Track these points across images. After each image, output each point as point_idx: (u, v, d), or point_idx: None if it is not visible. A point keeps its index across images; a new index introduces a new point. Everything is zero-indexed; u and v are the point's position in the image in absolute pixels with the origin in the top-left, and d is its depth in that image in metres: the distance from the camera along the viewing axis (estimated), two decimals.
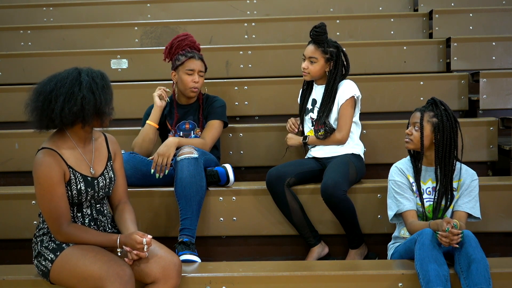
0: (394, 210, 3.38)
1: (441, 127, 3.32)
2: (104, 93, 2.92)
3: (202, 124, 3.99)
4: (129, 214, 3.10)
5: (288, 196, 3.68)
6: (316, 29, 3.83)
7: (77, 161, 2.98)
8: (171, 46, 4.01)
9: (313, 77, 3.90)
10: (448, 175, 3.34)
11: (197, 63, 3.93)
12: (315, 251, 3.72)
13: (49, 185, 2.88)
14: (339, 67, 3.86)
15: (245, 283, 3.17)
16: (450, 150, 3.34)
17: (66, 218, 2.92)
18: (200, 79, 3.95)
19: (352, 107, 3.83)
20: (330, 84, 3.85)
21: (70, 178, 2.94)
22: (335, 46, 3.86)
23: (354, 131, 3.88)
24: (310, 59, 3.85)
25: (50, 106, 2.87)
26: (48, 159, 2.89)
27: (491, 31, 5.37)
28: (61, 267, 2.89)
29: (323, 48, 3.82)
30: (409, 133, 3.40)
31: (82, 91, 2.87)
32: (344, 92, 3.82)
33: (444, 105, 3.39)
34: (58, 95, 2.86)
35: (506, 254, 3.80)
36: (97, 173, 3.03)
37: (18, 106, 4.73)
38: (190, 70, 3.91)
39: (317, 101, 3.92)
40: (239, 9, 6.03)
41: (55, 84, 2.89)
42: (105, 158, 3.09)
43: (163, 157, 3.66)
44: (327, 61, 3.84)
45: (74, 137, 2.99)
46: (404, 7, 6.02)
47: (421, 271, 2.99)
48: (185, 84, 3.93)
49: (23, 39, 5.69)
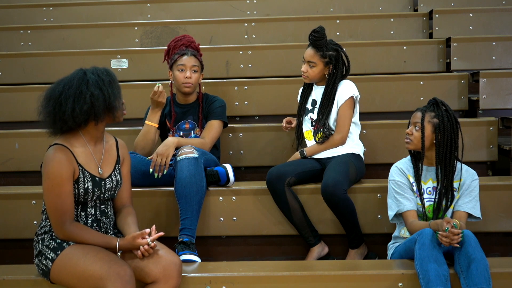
0: (395, 210, 3.38)
1: (442, 127, 3.32)
2: (111, 88, 2.96)
3: (202, 123, 3.99)
4: (132, 218, 3.11)
5: (288, 196, 3.68)
6: (315, 34, 3.81)
7: (87, 160, 3.01)
8: (168, 48, 4.06)
9: (312, 80, 3.90)
10: (449, 176, 3.34)
11: (188, 59, 3.94)
12: (315, 251, 3.72)
13: (58, 181, 2.89)
14: (338, 70, 3.85)
15: (245, 283, 3.17)
16: (451, 150, 3.33)
17: (70, 216, 2.93)
18: (193, 74, 3.94)
19: (351, 107, 3.82)
20: (330, 86, 3.85)
21: (79, 176, 2.96)
22: (335, 49, 3.84)
23: (354, 131, 3.87)
24: (309, 63, 3.85)
25: (61, 109, 2.90)
26: (60, 155, 2.91)
27: (491, 31, 5.37)
28: (61, 267, 2.89)
29: (321, 53, 3.81)
30: (409, 133, 3.40)
31: (89, 89, 2.91)
32: (343, 92, 3.82)
33: (445, 105, 3.38)
34: (67, 97, 2.90)
35: (506, 254, 3.81)
36: (105, 174, 3.05)
37: (18, 106, 4.74)
38: (181, 65, 3.93)
39: (317, 101, 3.92)
40: (239, 9, 6.03)
41: (63, 87, 2.93)
42: (113, 161, 3.11)
43: (162, 157, 3.66)
44: (326, 65, 3.84)
45: (86, 136, 3.02)
46: (404, 7, 6.02)
47: (421, 271, 2.99)
48: (177, 80, 3.95)
49: (23, 39, 5.69)
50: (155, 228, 2.99)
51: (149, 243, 2.89)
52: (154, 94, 3.82)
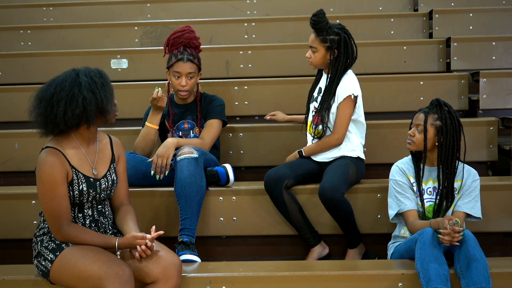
0: (395, 210, 3.38)
1: (444, 130, 3.31)
2: (104, 91, 2.93)
3: (201, 123, 3.98)
4: (131, 216, 3.10)
5: (286, 198, 3.65)
6: (313, 17, 3.72)
7: (80, 162, 2.99)
8: (167, 42, 3.97)
9: (317, 66, 3.81)
10: (450, 177, 3.34)
11: (184, 66, 3.87)
12: (315, 252, 3.71)
13: (51, 184, 2.88)
14: (341, 55, 3.72)
15: (245, 283, 3.17)
16: (453, 152, 3.33)
17: (66, 218, 2.92)
18: (189, 81, 3.89)
19: (350, 107, 3.71)
20: (332, 73, 3.73)
21: (73, 178, 2.95)
22: (337, 33, 3.72)
23: (354, 131, 3.79)
24: (311, 48, 3.77)
25: (53, 111, 2.88)
26: (52, 158, 2.90)
27: (491, 31, 5.37)
28: (60, 267, 2.89)
29: (322, 37, 3.71)
30: (411, 135, 3.38)
31: (82, 92, 2.88)
32: (342, 89, 3.71)
33: (448, 106, 3.36)
34: (59, 100, 2.87)
35: (506, 254, 3.80)
36: (99, 175, 3.04)
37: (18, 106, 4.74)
38: (177, 72, 3.89)
39: (322, 90, 3.83)
40: (239, 9, 6.02)
41: (55, 88, 2.90)
42: (108, 160, 3.10)
43: (162, 158, 3.66)
44: (328, 50, 3.73)
45: (78, 138, 3.00)
46: (404, 7, 6.02)
47: (422, 270, 2.99)
48: (173, 85, 3.95)
49: (23, 39, 5.69)
50: (155, 228, 2.99)
51: (147, 243, 2.88)
52: (153, 100, 3.80)
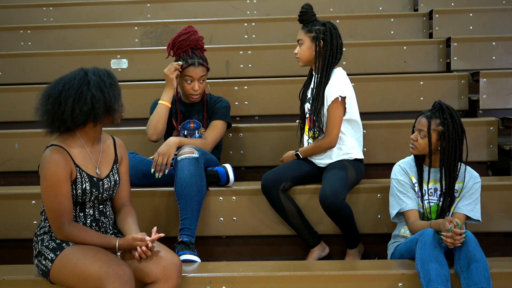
0: (397, 209, 3.38)
1: (447, 135, 3.30)
2: (112, 90, 2.95)
3: (207, 123, 3.98)
4: (132, 217, 3.11)
5: (284, 201, 3.64)
6: (301, 10, 3.71)
7: (84, 161, 3.00)
8: (173, 44, 3.94)
9: (304, 61, 3.75)
10: (452, 179, 3.34)
11: (196, 70, 3.86)
12: (315, 252, 3.71)
13: (55, 182, 2.89)
14: (327, 45, 3.66)
15: (245, 283, 3.17)
16: (455, 156, 3.32)
17: (68, 217, 2.93)
18: (201, 85, 3.90)
19: (339, 108, 3.63)
20: (319, 68, 3.67)
21: (76, 177, 2.96)
22: (322, 23, 3.69)
23: (350, 132, 3.72)
24: (298, 43, 3.74)
25: (61, 108, 2.89)
26: (57, 157, 2.90)
27: (491, 31, 5.37)
28: (61, 267, 2.89)
29: (307, 28, 3.69)
30: (414, 139, 3.38)
31: (90, 90, 2.90)
32: (329, 92, 3.64)
33: (450, 109, 3.34)
34: (67, 97, 2.89)
35: (506, 254, 3.80)
36: (102, 174, 3.04)
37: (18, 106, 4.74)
38: (189, 76, 3.88)
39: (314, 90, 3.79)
40: (239, 9, 6.03)
41: (63, 85, 2.91)
42: (111, 161, 3.11)
43: (163, 156, 3.66)
44: (313, 40, 3.68)
45: (83, 137, 3.01)
46: (404, 7, 6.02)
47: (422, 271, 2.99)
48: (184, 90, 3.92)
49: (23, 39, 5.69)
50: (156, 230, 2.99)
51: (147, 244, 2.89)
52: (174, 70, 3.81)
